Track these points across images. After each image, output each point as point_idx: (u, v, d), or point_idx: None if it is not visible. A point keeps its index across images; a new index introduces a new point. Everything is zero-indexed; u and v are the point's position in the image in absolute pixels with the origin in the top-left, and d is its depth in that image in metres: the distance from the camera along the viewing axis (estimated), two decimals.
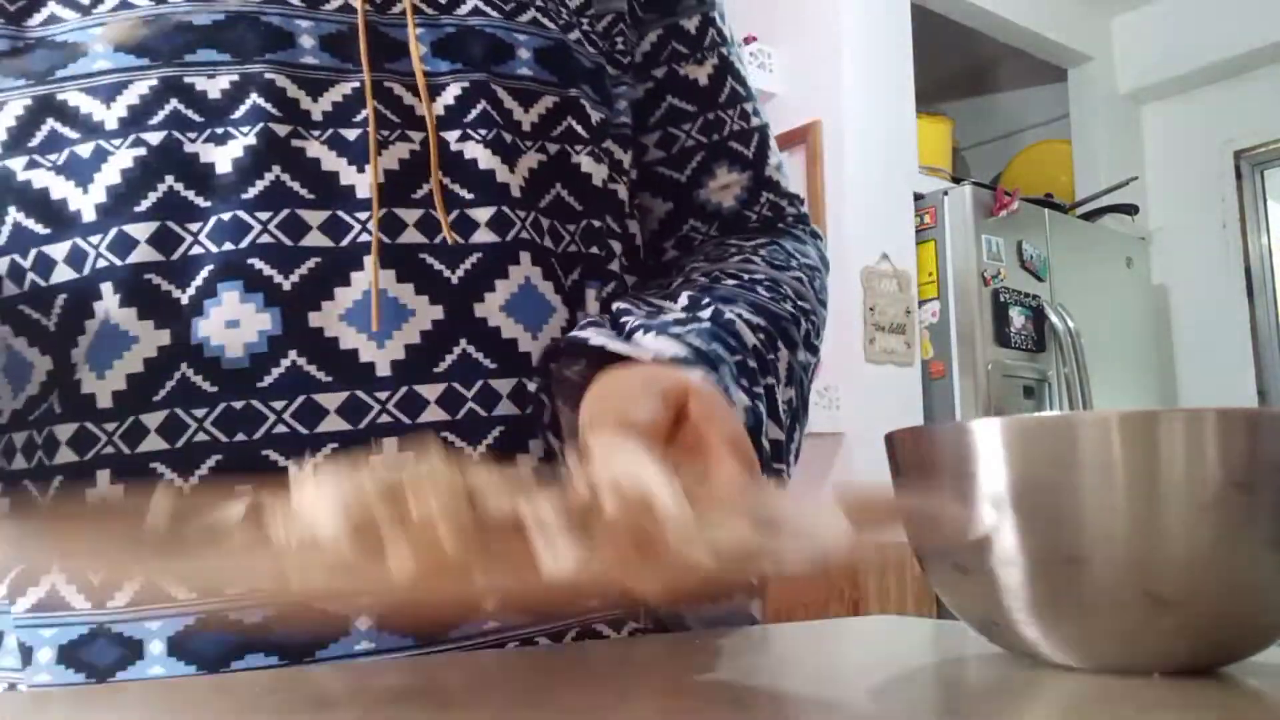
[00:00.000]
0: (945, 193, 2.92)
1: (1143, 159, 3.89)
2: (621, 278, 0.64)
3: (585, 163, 0.60)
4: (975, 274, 2.81)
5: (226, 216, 0.51)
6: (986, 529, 0.37)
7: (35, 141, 0.52)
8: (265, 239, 0.51)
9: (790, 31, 2.88)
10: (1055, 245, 3.09)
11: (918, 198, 2.92)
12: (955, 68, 3.98)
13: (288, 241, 0.51)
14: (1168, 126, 3.90)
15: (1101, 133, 3.74)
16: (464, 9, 0.57)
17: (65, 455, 0.51)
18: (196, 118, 0.52)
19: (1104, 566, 0.36)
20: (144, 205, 0.52)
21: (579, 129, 0.60)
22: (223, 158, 0.52)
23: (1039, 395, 2.92)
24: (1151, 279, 3.67)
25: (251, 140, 0.52)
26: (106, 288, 0.51)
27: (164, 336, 0.50)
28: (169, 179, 0.51)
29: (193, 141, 0.52)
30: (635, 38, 0.67)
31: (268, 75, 0.52)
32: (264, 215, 0.51)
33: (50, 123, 0.52)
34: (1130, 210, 3.60)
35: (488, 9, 0.58)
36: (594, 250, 0.61)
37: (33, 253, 0.52)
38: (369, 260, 0.52)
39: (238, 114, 0.52)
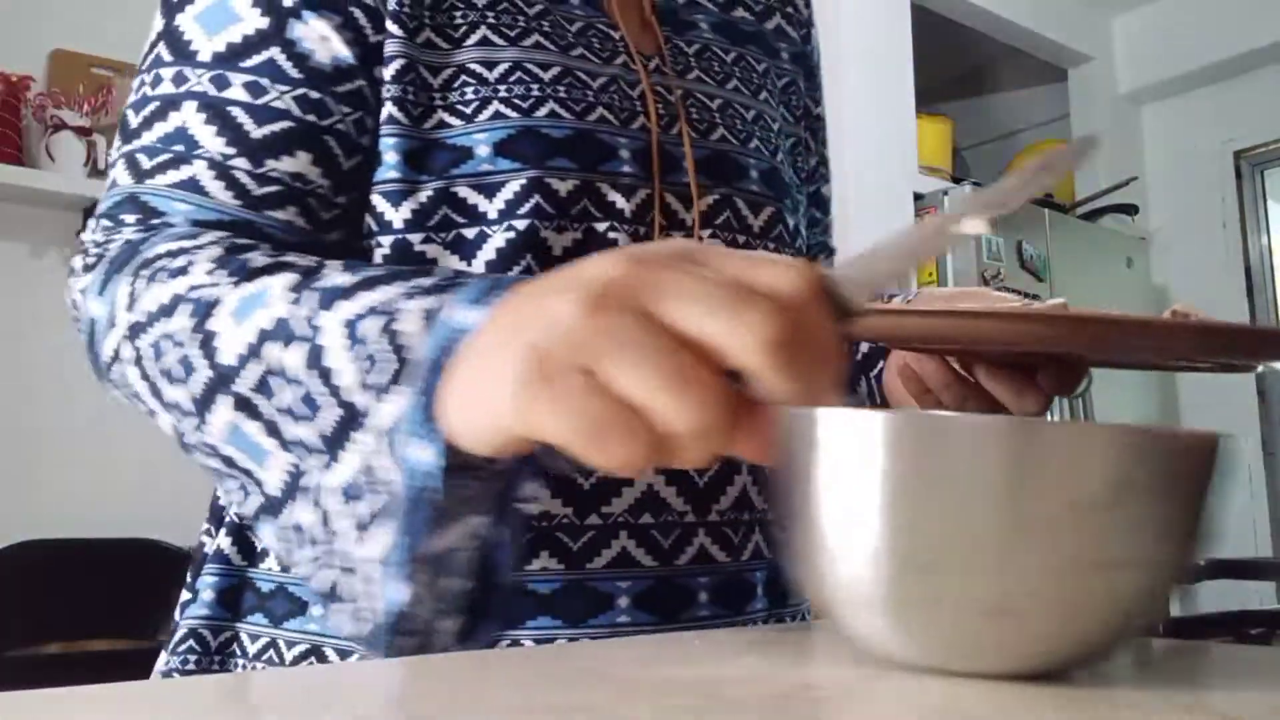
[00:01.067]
0: (945, 193, 2.92)
1: (1143, 159, 3.89)
2: None
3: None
4: (975, 274, 2.82)
5: None
6: (840, 527, 0.37)
7: (433, 222, 0.66)
8: None
9: None
10: (1055, 245, 3.09)
11: (918, 198, 2.93)
12: (955, 68, 3.98)
13: None
14: (1168, 126, 3.90)
15: (1102, 133, 3.74)
16: (714, 136, 0.73)
17: None
18: (550, 210, 0.65)
19: (950, 573, 0.35)
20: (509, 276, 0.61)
21: (785, 233, 0.76)
22: (557, 243, 0.66)
23: None
24: (1151, 279, 3.68)
25: (579, 234, 0.66)
26: None
27: None
28: (528, 257, 0.65)
29: (545, 229, 0.65)
30: (808, 162, 0.87)
31: (597, 183, 0.67)
32: None
33: (444, 209, 0.66)
34: (1130, 210, 3.60)
35: (730, 136, 0.74)
36: None
37: None
38: None
39: (574, 210, 0.66)
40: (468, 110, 0.65)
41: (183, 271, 0.54)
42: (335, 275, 0.50)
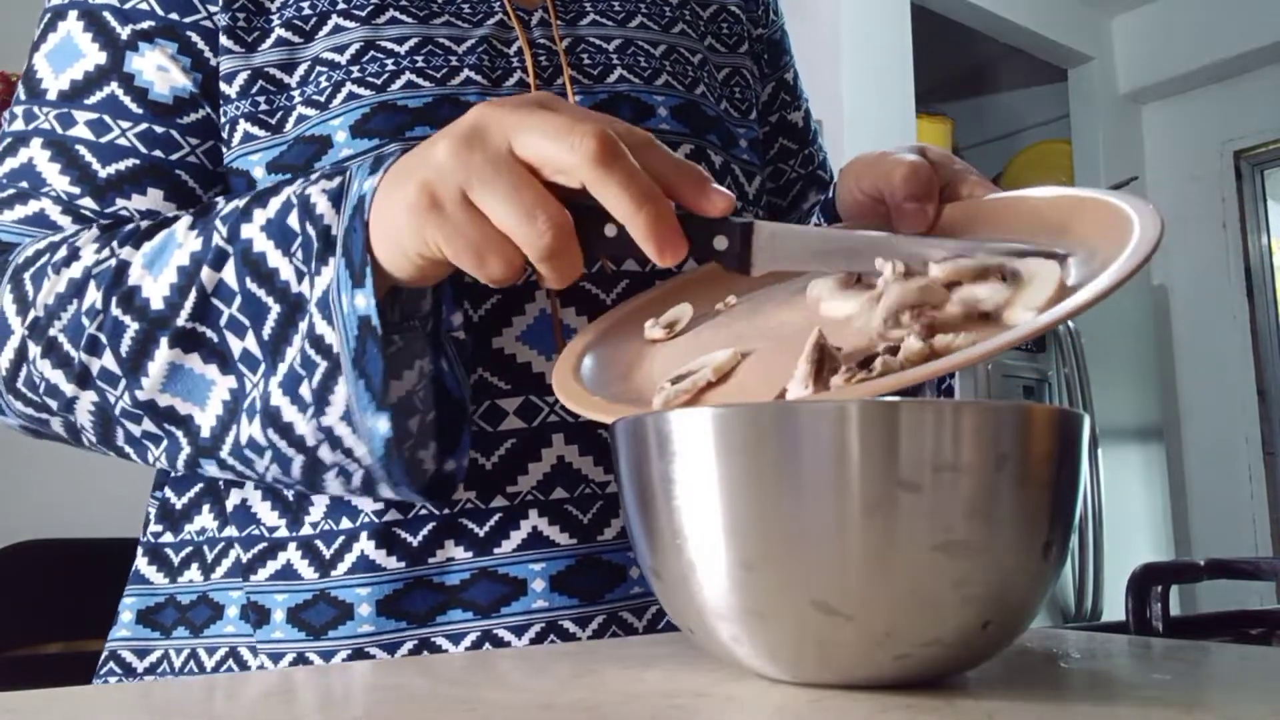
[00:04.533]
0: None
1: (1143, 159, 3.89)
2: None
3: None
4: None
5: None
6: (676, 529, 0.35)
7: None
8: (461, 281, 0.61)
9: (790, 31, 2.88)
10: None
11: None
12: (955, 68, 3.98)
13: (476, 282, 0.61)
14: (1168, 126, 3.90)
15: (1101, 133, 3.74)
16: (611, 78, 0.69)
17: None
18: None
19: (772, 573, 0.33)
20: None
21: (710, 171, 0.70)
22: None
23: (1039, 395, 2.92)
24: (1151, 279, 3.67)
25: None
26: None
27: None
28: None
29: None
30: (753, 88, 0.81)
31: None
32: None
33: None
34: None
35: (631, 76, 0.70)
36: None
37: None
38: (540, 293, 0.63)
39: None
40: (322, 98, 0.63)
41: (72, 258, 0.57)
42: (229, 204, 0.56)
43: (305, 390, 0.52)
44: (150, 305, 0.54)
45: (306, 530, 0.61)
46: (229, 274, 0.53)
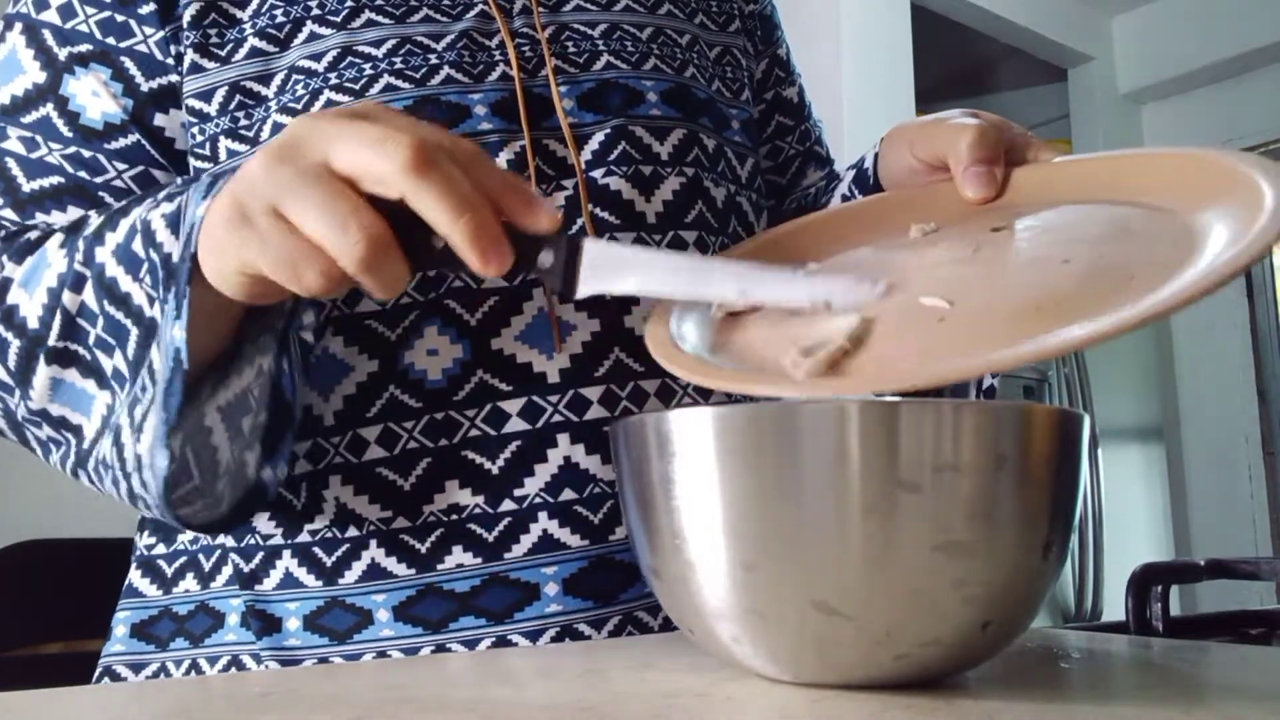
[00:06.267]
0: None
1: None
2: None
3: (712, 184, 0.70)
4: None
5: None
6: (675, 529, 0.35)
7: None
8: (457, 284, 0.61)
9: (790, 31, 2.87)
10: None
11: None
12: (955, 68, 3.98)
13: (473, 285, 0.61)
14: (1168, 126, 3.90)
15: (1101, 133, 3.74)
16: (598, 65, 0.68)
17: (301, 465, 0.62)
18: None
19: (772, 573, 0.33)
20: None
21: (703, 155, 0.70)
22: None
23: (1039, 395, 2.92)
24: None
25: None
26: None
27: (374, 365, 0.61)
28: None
29: None
30: (746, 67, 0.80)
31: None
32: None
33: None
34: None
35: (618, 62, 0.68)
36: None
37: None
38: (538, 291, 0.62)
39: None
40: (299, 107, 0.62)
41: None
42: (95, 217, 0.55)
43: (138, 412, 0.52)
44: (27, 324, 0.55)
45: (304, 538, 0.61)
46: (89, 296, 0.53)
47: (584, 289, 0.47)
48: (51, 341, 0.54)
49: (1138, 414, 3.29)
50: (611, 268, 0.47)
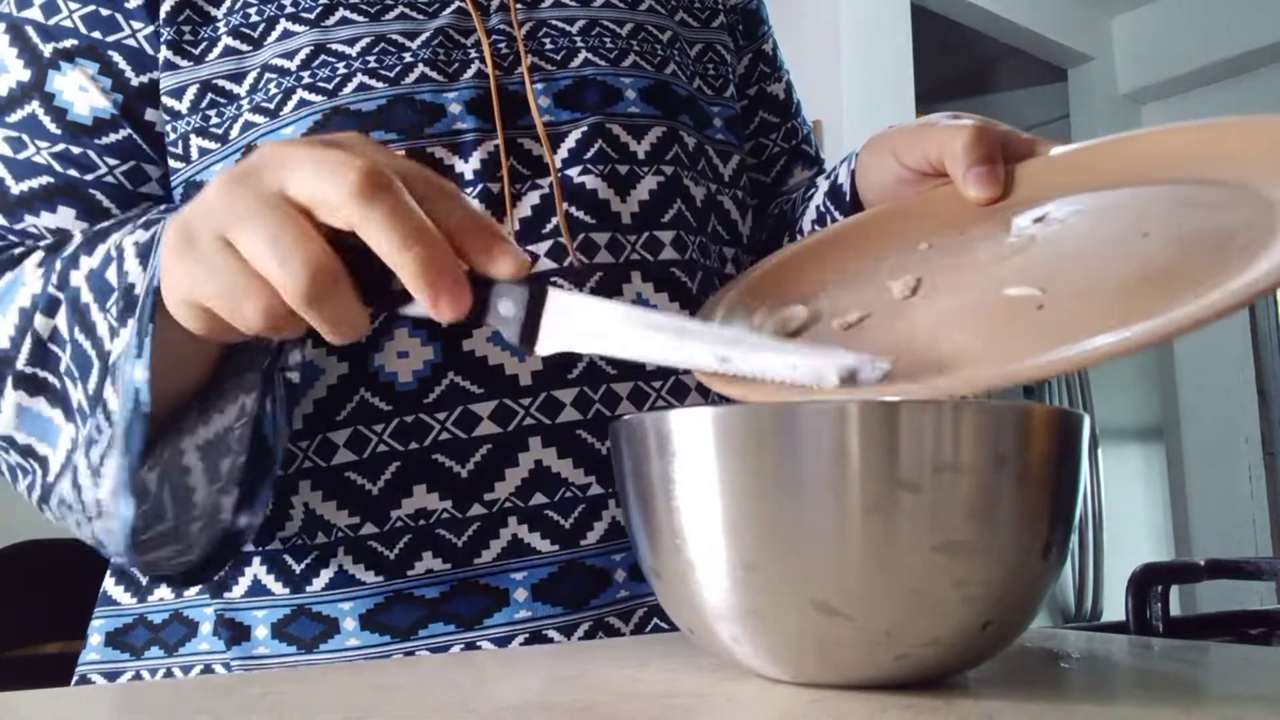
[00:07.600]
0: None
1: None
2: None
3: (691, 183, 0.68)
4: None
5: None
6: (675, 529, 0.35)
7: None
8: None
9: (790, 31, 2.88)
10: None
11: None
12: (955, 68, 3.98)
13: None
14: None
15: (1101, 133, 3.73)
16: (576, 62, 0.66)
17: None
18: None
19: (772, 573, 0.33)
20: None
21: (683, 154, 0.68)
22: None
23: (1039, 395, 2.92)
24: None
25: None
26: None
27: (344, 367, 0.60)
28: None
29: None
30: (730, 63, 0.78)
31: (429, 149, 0.61)
32: None
33: None
34: None
35: (596, 59, 0.67)
36: (707, 261, 0.69)
37: None
38: None
39: None
40: (272, 106, 0.61)
41: None
42: (76, 236, 0.54)
43: (94, 455, 0.50)
44: None
45: (274, 545, 0.60)
46: (61, 322, 0.51)
47: (545, 344, 0.43)
48: (20, 365, 0.52)
49: (1138, 414, 3.28)
50: (578, 323, 0.43)
